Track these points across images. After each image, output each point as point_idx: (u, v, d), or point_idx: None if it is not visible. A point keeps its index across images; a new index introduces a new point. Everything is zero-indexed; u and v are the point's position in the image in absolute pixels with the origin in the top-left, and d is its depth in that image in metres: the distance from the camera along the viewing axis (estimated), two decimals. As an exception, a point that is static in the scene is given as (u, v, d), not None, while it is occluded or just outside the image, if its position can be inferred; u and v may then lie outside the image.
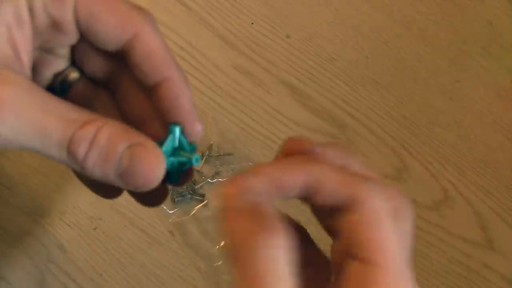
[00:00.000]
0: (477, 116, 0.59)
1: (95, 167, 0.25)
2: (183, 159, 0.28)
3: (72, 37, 0.27)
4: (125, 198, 0.54)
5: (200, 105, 0.56)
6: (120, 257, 0.53)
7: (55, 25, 0.26)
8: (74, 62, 0.30)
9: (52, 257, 0.52)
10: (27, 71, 0.25)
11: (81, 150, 0.24)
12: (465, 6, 0.62)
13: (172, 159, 0.28)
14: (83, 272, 0.52)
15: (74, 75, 0.30)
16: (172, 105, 0.27)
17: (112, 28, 0.26)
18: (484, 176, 0.57)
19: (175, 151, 0.28)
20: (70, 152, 0.24)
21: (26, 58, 0.25)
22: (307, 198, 0.26)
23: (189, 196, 0.53)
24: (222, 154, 0.55)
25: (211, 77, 0.58)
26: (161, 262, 0.53)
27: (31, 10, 0.24)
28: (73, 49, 0.29)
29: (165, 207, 0.53)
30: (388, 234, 0.25)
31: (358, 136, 0.57)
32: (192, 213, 0.53)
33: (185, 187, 0.53)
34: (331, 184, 0.25)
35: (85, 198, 0.54)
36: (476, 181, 0.57)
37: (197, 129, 0.28)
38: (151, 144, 0.26)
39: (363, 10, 0.61)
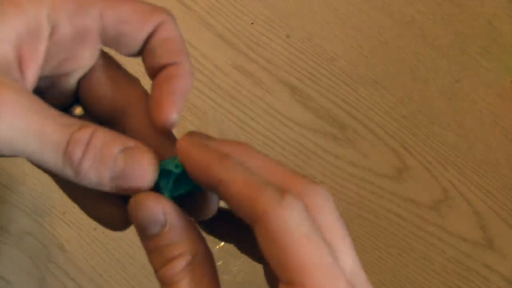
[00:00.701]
0: (477, 116, 0.59)
1: (91, 170, 0.25)
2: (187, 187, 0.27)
3: (93, 52, 0.27)
4: (125, 198, 0.54)
5: (200, 105, 0.56)
6: (120, 257, 0.53)
7: (79, 36, 0.25)
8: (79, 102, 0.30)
9: (52, 257, 0.52)
10: (29, 84, 0.25)
11: (77, 152, 0.24)
12: (465, 6, 0.62)
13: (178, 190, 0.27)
14: (83, 272, 0.52)
15: (78, 111, 0.30)
16: (166, 82, 0.27)
17: (137, 25, 0.26)
18: (484, 176, 0.57)
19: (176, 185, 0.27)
20: (67, 154, 0.24)
21: (31, 74, 0.25)
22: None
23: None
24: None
25: (211, 77, 0.58)
26: (161, 262, 0.53)
27: (54, 24, 0.24)
28: (80, 88, 0.29)
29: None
30: (305, 246, 0.22)
31: (358, 136, 0.57)
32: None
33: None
34: (237, 195, 0.24)
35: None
36: (476, 181, 0.57)
37: (167, 117, 0.27)
38: (143, 147, 0.26)
39: (363, 10, 0.61)
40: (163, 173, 0.26)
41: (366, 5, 0.61)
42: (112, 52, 0.28)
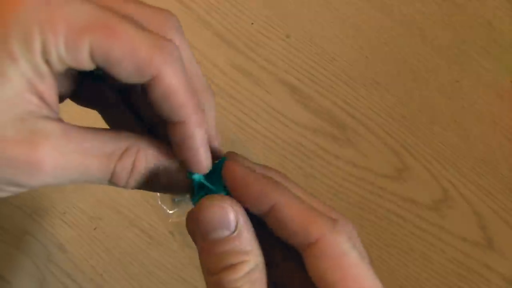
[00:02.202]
0: (477, 116, 0.59)
1: (135, 188, 0.27)
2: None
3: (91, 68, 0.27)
4: (125, 198, 0.54)
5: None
6: (120, 257, 0.53)
7: (73, 68, 0.26)
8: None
9: (52, 257, 0.52)
10: (55, 108, 0.26)
11: (122, 179, 0.26)
12: (465, 6, 0.62)
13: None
14: (83, 272, 0.52)
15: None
16: (182, 144, 0.27)
17: (130, 73, 0.25)
18: (484, 176, 0.57)
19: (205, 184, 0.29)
20: (113, 181, 0.26)
21: (52, 98, 0.25)
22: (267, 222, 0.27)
23: (189, 196, 0.53)
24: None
25: (210, 77, 0.58)
26: (161, 262, 0.53)
27: (47, 63, 0.24)
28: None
29: (165, 207, 0.53)
30: (360, 270, 0.25)
31: (358, 136, 0.57)
32: (192, 213, 0.53)
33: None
34: (291, 218, 0.26)
35: (85, 198, 0.54)
36: (476, 181, 0.57)
37: (200, 169, 0.28)
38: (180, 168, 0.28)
39: (363, 10, 0.61)
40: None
41: (366, 5, 0.61)
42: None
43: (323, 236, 0.25)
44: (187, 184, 0.28)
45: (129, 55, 0.24)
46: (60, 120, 0.26)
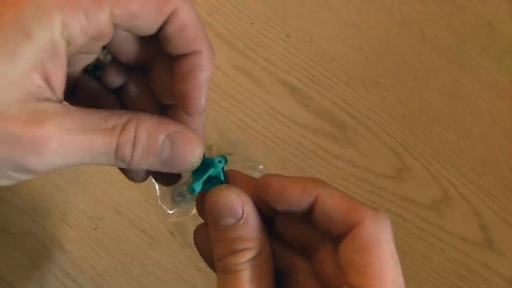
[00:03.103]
0: (477, 116, 0.59)
1: (141, 161, 0.27)
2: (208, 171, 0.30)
3: (108, 39, 0.27)
4: (125, 198, 0.54)
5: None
6: (120, 257, 0.53)
7: (93, 39, 0.26)
8: (106, 48, 0.31)
9: (52, 257, 0.52)
10: (59, 93, 0.26)
11: (127, 152, 0.27)
12: (465, 6, 0.62)
13: (202, 184, 0.30)
14: (83, 272, 0.52)
15: (106, 58, 0.31)
16: (189, 74, 0.28)
17: (151, 17, 0.26)
18: (484, 176, 0.57)
19: (209, 179, 0.30)
20: (118, 156, 0.27)
21: (58, 82, 0.26)
22: (309, 217, 0.28)
23: (189, 196, 0.53)
24: (222, 154, 0.55)
25: (211, 77, 0.57)
26: (161, 262, 0.53)
27: (68, 38, 0.25)
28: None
29: (165, 207, 0.53)
30: (389, 261, 0.26)
31: (358, 136, 0.57)
32: (192, 213, 0.53)
33: (185, 186, 0.53)
34: (334, 207, 0.27)
35: (85, 198, 0.54)
36: (476, 181, 0.57)
37: (199, 103, 0.29)
38: (186, 129, 0.28)
39: (363, 10, 0.61)
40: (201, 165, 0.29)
41: (366, 5, 0.61)
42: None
43: (363, 222, 0.26)
44: (192, 148, 0.28)
45: (147, 2, 0.26)
46: (59, 101, 0.26)
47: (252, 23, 0.60)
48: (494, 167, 0.57)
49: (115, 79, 0.31)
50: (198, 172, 0.30)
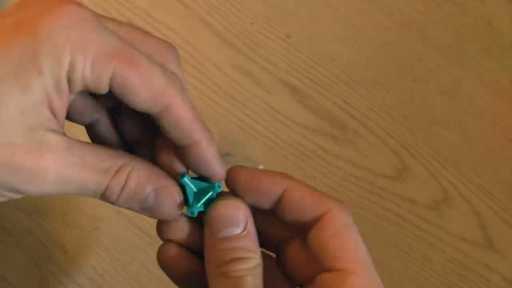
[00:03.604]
0: (477, 116, 0.59)
1: (123, 204, 0.29)
2: (207, 194, 0.31)
3: (99, 93, 0.29)
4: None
5: (199, 105, 0.56)
6: (120, 257, 0.53)
7: (88, 88, 0.28)
8: None
9: (52, 257, 0.52)
10: (62, 123, 0.28)
11: (114, 195, 0.28)
12: (465, 6, 0.62)
13: (201, 203, 0.31)
14: (83, 272, 0.52)
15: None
16: (198, 162, 0.30)
17: (144, 101, 0.27)
18: (484, 176, 0.57)
19: (199, 193, 0.31)
20: (105, 195, 0.28)
21: (62, 115, 0.27)
22: (277, 209, 0.30)
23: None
24: (222, 154, 0.55)
25: (210, 77, 0.58)
26: (161, 262, 0.53)
27: (69, 80, 0.26)
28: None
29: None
30: (358, 243, 0.29)
31: (358, 136, 0.57)
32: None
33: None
34: (303, 197, 0.29)
35: (85, 198, 0.54)
36: (476, 181, 0.57)
37: (219, 178, 0.31)
38: (172, 186, 0.30)
39: (363, 10, 0.61)
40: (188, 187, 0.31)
41: (366, 5, 0.61)
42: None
43: (330, 209, 0.29)
44: (173, 205, 0.30)
45: (146, 84, 0.27)
46: (64, 134, 0.27)
47: (252, 23, 0.60)
48: (494, 167, 0.57)
49: (111, 99, 0.31)
50: (196, 193, 0.31)
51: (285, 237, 0.32)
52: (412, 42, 0.60)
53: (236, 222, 0.29)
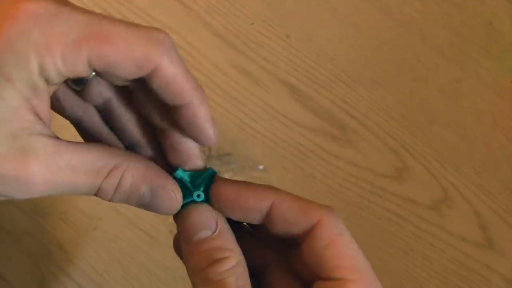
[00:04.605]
0: (477, 116, 0.59)
1: (119, 202, 0.28)
2: (205, 178, 0.31)
3: (87, 77, 0.28)
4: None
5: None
6: (120, 257, 0.53)
7: (70, 78, 0.27)
8: None
9: (52, 257, 0.52)
10: (48, 122, 0.27)
11: (107, 195, 0.28)
12: (465, 6, 0.62)
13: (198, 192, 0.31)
14: (83, 272, 0.52)
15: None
16: (190, 124, 0.29)
17: (129, 72, 0.26)
18: (484, 176, 0.57)
19: (196, 180, 0.31)
20: (99, 194, 0.28)
21: (45, 113, 0.26)
22: (266, 225, 0.29)
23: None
24: (221, 154, 0.55)
25: (210, 77, 0.58)
26: (161, 262, 0.53)
27: (46, 79, 0.25)
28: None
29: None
30: (354, 249, 0.28)
31: (358, 136, 0.57)
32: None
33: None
34: (291, 210, 0.28)
35: (85, 198, 0.54)
36: (476, 181, 0.57)
37: (210, 142, 0.30)
38: (170, 184, 0.29)
39: (362, 10, 0.61)
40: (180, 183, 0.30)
41: (365, 4, 0.61)
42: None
43: (322, 218, 0.28)
44: (171, 202, 0.29)
45: (126, 57, 0.25)
46: (51, 135, 0.26)
47: (252, 23, 0.60)
48: (494, 167, 0.57)
49: (97, 95, 0.31)
50: (193, 181, 0.30)
51: (269, 260, 0.31)
52: (411, 42, 0.60)
53: (206, 224, 0.29)
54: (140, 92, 0.30)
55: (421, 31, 0.61)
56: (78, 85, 0.29)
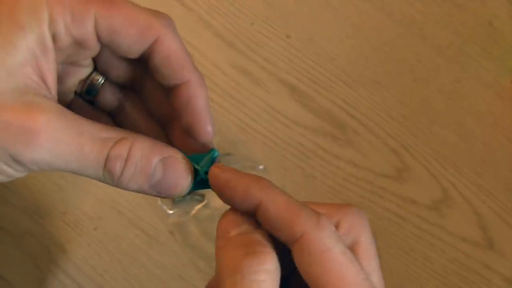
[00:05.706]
0: (477, 116, 0.59)
1: (131, 181, 0.27)
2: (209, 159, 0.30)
3: (94, 50, 0.28)
4: (125, 198, 0.54)
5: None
6: (120, 257, 0.53)
7: (78, 43, 0.27)
8: (97, 68, 0.31)
9: (52, 257, 0.52)
10: (53, 92, 0.26)
11: (117, 168, 0.26)
12: (465, 6, 0.62)
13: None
14: (83, 272, 0.52)
15: (99, 78, 0.31)
16: (187, 106, 0.28)
17: (133, 39, 0.27)
18: (484, 176, 0.57)
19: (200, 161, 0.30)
20: (107, 169, 0.26)
21: (51, 80, 0.26)
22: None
23: (189, 196, 0.53)
24: (221, 154, 0.55)
25: (210, 77, 0.58)
26: (161, 262, 0.53)
27: (54, 35, 0.25)
28: (96, 57, 0.30)
29: (165, 207, 0.53)
30: (343, 264, 0.25)
31: (358, 136, 0.57)
32: (192, 213, 0.53)
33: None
34: (276, 216, 0.26)
35: (85, 198, 0.54)
36: (476, 181, 0.57)
37: (206, 130, 0.29)
38: (180, 156, 0.28)
39: (363, 10, 0.61)
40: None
41: (366, 5, 0.61)
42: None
43: (305, 232, 0.25)
44: (183, 173, 0.28)
45: (131, 22, 0.26)
46: (57, 103, 0.26)
47: (252, 23, 0.60)
48: (494, 167, 0.57)
49: (109, 100, 0.31)
50: (197, 162, 0.30)
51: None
52: (412, 42, 0.60)
53: (240, 220, 0.27)
54: (146, 90, 0.31)
55: (422, 31, 0.61)
56: (90, 93, 0.30)
